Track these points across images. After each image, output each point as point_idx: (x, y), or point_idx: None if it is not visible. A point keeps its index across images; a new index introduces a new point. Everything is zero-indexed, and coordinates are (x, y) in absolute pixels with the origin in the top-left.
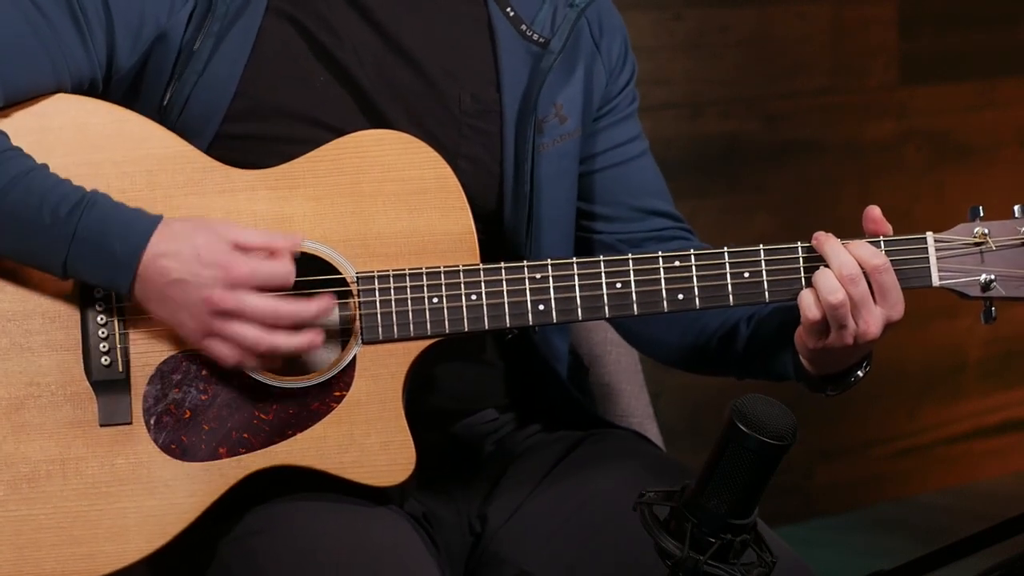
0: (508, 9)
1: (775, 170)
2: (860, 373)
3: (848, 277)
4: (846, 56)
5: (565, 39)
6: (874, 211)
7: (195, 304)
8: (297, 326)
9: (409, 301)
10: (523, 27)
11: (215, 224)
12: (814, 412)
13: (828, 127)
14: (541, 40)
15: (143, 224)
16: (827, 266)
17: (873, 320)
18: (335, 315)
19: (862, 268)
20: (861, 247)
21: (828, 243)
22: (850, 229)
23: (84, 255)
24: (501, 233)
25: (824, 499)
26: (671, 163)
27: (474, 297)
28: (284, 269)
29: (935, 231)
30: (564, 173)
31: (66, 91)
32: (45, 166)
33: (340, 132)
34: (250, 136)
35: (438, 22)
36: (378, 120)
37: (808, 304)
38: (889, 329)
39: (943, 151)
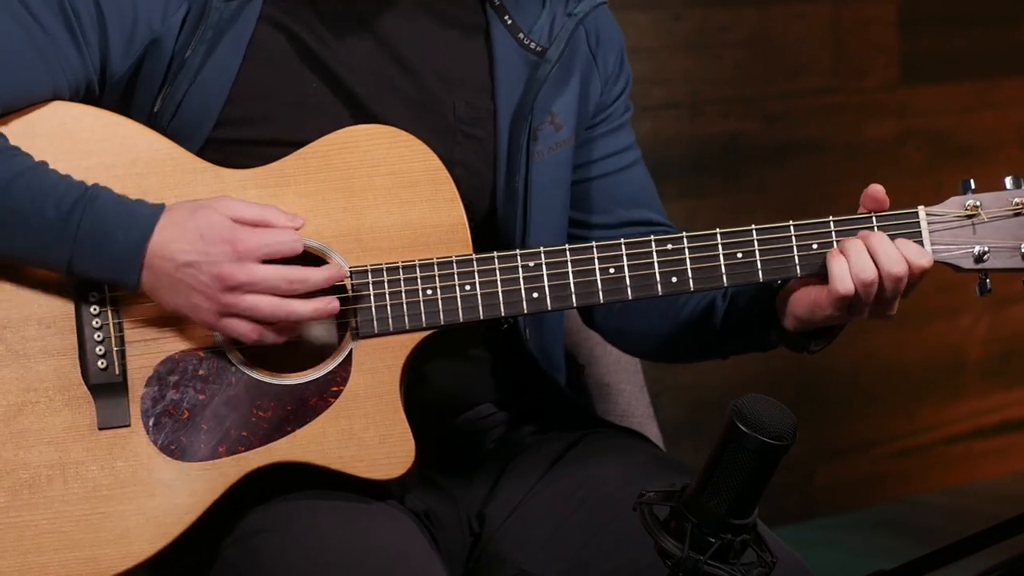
0: (506, 17)
1: (775, 170)
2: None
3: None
4: (846, 56)
5: (562, 48)
6: (877, 191)
7: (207, 283)
8: (309, 293)
9: (403, 294)
10: (521, 35)
11: (213, 202)
12: (814, 412)
13: (828, 127)
14: (538, 49)
15: (145, 214)
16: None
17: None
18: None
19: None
20: (908, 246)
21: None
22: None
23: (88, 252)
24: (495, 240)
25: (824, 499)
26: (671, 163)
27: (468, 287)
28: (289, 237)
29: None
30: (558, 182)
31: (63, 98)
32: (44, 163)
33: None
34: (240, 141)
35: (435, 29)
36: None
37: (841, 275)
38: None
39: (943, 151)
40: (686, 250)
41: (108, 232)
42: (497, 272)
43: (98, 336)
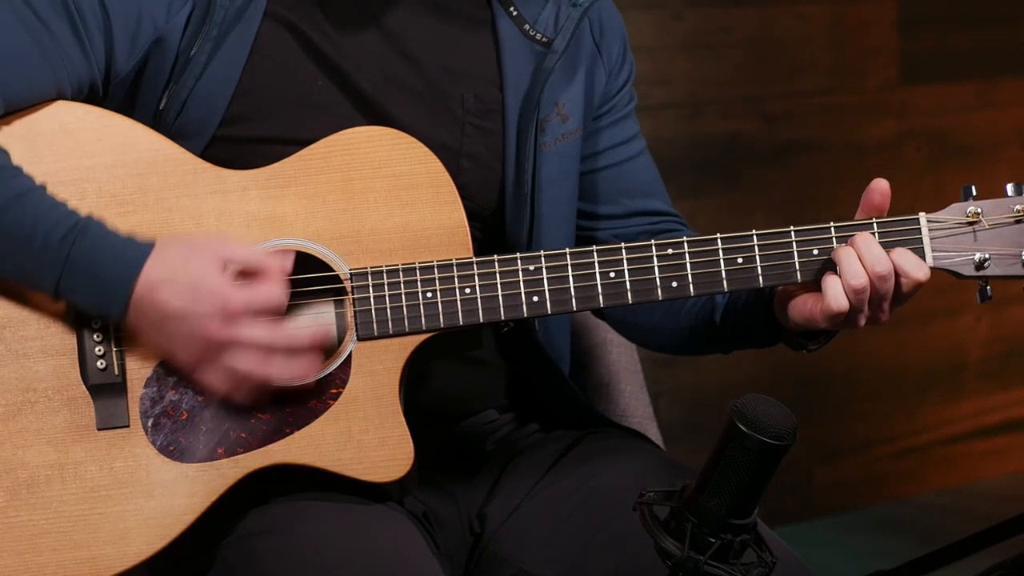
0: (511, 9)
1: (775, 170)
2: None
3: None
4: (846, 56)
5: (568, 39)
6: (882, 186)
7: (193, 338)
8: (292, 353)
9: (403, 296)
10: (526, 27)
11: (207, 245)
12: (814, 412)
13: (828, 127)
14: (544, 40)
15: (135, 252)
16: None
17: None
18: (331, 313)
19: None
20: (906, 256)
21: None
22: None
23: (75, 282)
24: (503, 233)
25: (824, 499)
26: (671, 163)
27: (468, 290)
28: (277, 294)
29: None
30: (565, 173)
31: (66, 97)
32: (43, 187)
33: None
34: (246, 139)
35: (441, 23)
36: (378, 121)
37: (836, 293)
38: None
39: (943, 151)
40: (687, 255)
41: (97, 264)
42: (497, 275)
43: (97, 336)
